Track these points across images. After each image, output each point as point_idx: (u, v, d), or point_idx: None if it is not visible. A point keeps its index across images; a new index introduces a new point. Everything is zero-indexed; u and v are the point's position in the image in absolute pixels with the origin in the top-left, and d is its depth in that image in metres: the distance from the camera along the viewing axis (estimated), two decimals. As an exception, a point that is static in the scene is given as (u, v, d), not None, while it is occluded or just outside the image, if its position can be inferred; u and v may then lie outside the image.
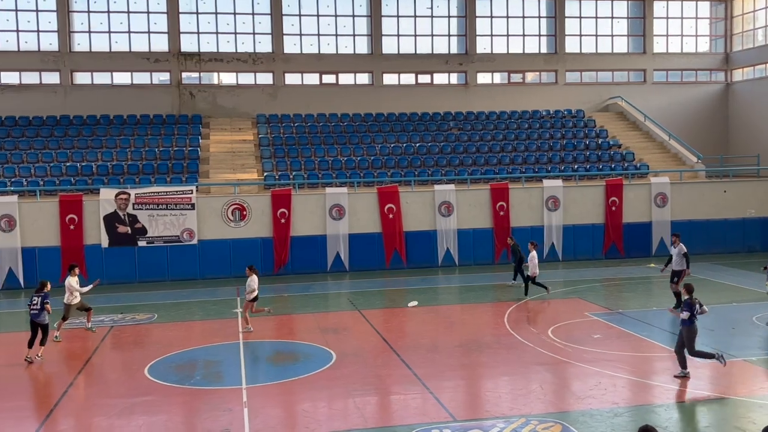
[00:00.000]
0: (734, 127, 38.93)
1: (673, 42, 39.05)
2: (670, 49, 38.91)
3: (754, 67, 37.90)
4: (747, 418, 11.29)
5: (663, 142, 34.77)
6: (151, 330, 18.62)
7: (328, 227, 26.94)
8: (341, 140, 32.41)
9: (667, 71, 38.88)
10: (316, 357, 15.39)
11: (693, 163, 32.55)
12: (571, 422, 11.19)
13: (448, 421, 11.42)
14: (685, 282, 15.94)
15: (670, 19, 38.86)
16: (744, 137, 37.92)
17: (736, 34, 39.04)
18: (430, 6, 36.45)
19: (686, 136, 35.90)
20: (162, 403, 12.78)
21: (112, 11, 33.56)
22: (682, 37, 39.18)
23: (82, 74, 33.72)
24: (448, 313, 20.12)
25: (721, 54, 39.36)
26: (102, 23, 33.71)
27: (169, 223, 25.84)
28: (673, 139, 34.52)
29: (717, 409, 11.82)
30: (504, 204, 28.00)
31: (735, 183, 30.50)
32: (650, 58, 38.47)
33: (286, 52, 35.06)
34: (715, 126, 38.93)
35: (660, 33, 38.77)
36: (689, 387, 13.06)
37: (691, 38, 39.34)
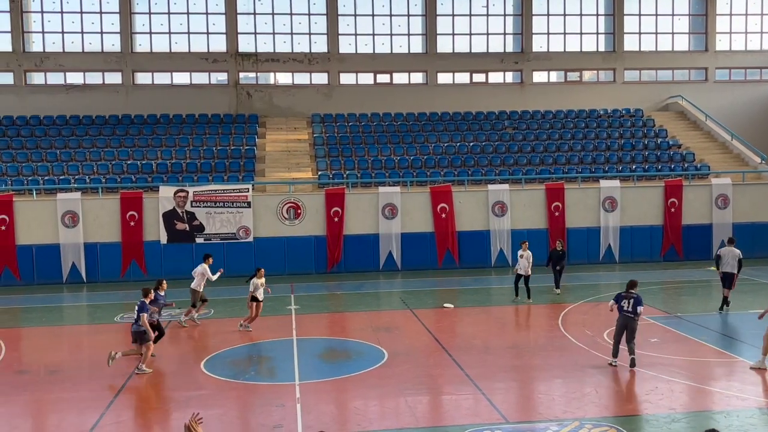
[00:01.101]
0: (801, 127, 37.59)
1: (736, 39, 37.91)
2: (733, 47, 37.79)
3: (823, 65, 36.53)
4: (812, 428, 10.90)
5: (725, 143, 33.80)
6: (208, 325, 18.97)
7: (381, 226, 27.02)
8: (395, 139, 32.46)
9: (730, 69, 37.78)
10: (368, 355, 15.45)
11: (756, 164, 31.54)
12: (626, 427, 10.97)
13: (500, 422, 11.32)
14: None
15: (733, 16, 37.75)
16: (811, 137, 36.57)
17: (804, 30, 37.69)
18: (486, 4, 36.19)
19: (749, 136, 34.81)
20: (217, 397, 13.01)
21: (172, 12, 34.34)
22: (747, 34, 38.00)
23: (143, 74, 34.60)
24: (501, 314, 19.96)
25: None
26: (162, 24, 34.52)
27: (225, 220, 26.31)
28: (736, 139, 33.51)
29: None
30: (559, 204, 27.63)
31: (801, 184, 29.47)
32: (712, 56, 37.43)
33: (341, 52, 35.30)
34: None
35: (723, 30, 37.68)
36: (750, 394, 12.68)
37: (756, 35, 38.13)
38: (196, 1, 34.49)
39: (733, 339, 15.88)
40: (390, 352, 15.57)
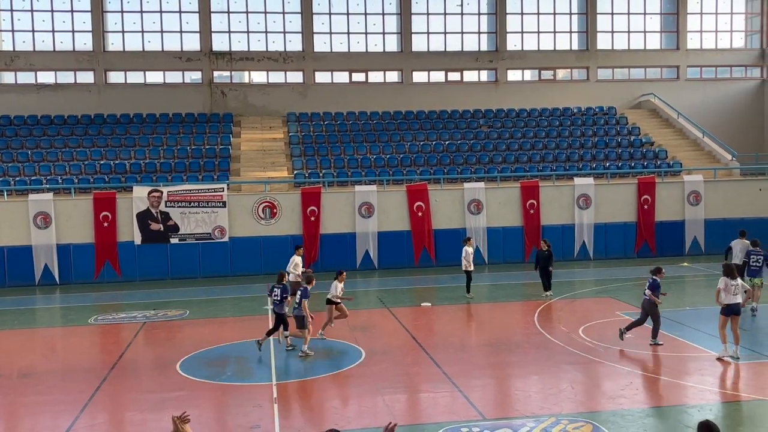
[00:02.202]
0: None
1: (707, 38, 38.43)
2: (704, 45, 38.30)
3: (791, 63, 37.16)
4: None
5: (696, 140, 34.24)
6: (183, 326, 18.83)
7: (358, 225, 27.00)
8: (371, 138, 32.44)
9: (701, 67, 38.28)
10: (345, 354, 15.44)
11: (727, 161, 32.01)
12: (601, 422, 11.08)
13: (477, 419, 11.37)
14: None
15: (704, 15, 38.25)
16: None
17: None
18: (460, 3, 36.30)
19: (720, 134, 35.30)
20: (193, 398, 12.92)
21: (144, 11, 34.01)
22: (717, 33, 38.54)
23: (115, 73, 34.22)
24: (478, 312, 20.04)
25: (756, 50, 38.64)
26: (135, 23, 34.17)
27: (200, 220, 26.12)
28: (707, 136, 33.97)
29: (751, 411, 11.61)
30: (534, 202, 27.80)
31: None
32: (684, 54, 37.90)
33: (316, 50, 35.21)
34: (751, 123, 38.23)
35: (694, 29, 38.18)
36: (722, 388, 12.86)
37: (726, 34, 38.68)
38: (169, 0, 34.19)
39: (705, 333, 16.10)
40: (367, 350, 15.56)
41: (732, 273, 14.54)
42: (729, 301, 14.44)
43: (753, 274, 18.83)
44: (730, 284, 14.49)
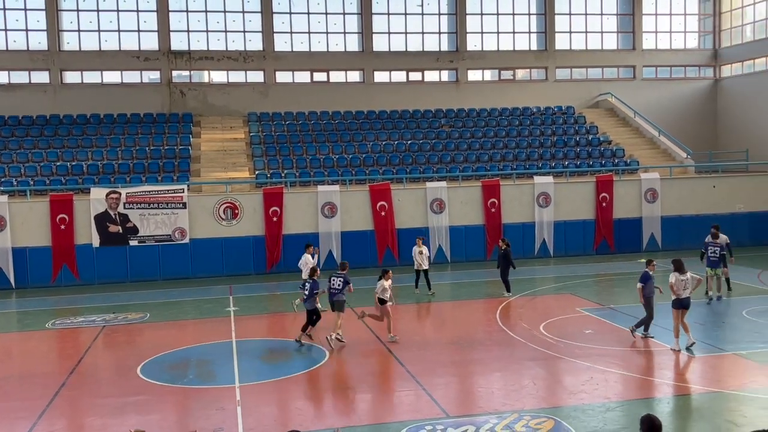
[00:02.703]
0: (723, 123, 39.12)
1: (662, 38, 39.20)
2: (659, 46, 39.06)
3: (742, 63, 38.07)
4: (738, 412, 11.37)
5: (653, 138, 34.89)
6: (144, 329, 18.56)
7: (320, 225, 26.91)
8: (333, 138, 32.38)
9: (657, 67, 39.03)
10: (309, 355, 15.39)
11: (682, 158, 32.68)
12: (563, 417, 11.23)
13: (440, 417, 11.43)
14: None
15: (659, 16, 39.01)
16: (733, 133, 38.12)
17: (724, 30, 39.21)
18: (421, 3, 36.44)
19: (676, 132, 36.04)
20: (154, 402, 12.75)
21: (101, 10, 33.41)
22: (671, 34, 39.33)
23: (71, 73, 33.58)
24: (440, 310, 20.14)
25: (709, 50, 39.52)
26: (91, 22, 33.56)
27: (160, 222, 25.77)
28: (663, 135, 34.65)
29: (708, 403, 11.88)
30: (495, 201, 28.04)
31: (724, 178, 30.63)
32: (639, 54, 38.59)
33: (277, 50, 35.01)
34: (704, 122, 39.11)
35: (649, 29, 38.91)
36: (680, 381, 13.14)
37: (680, 34, 39.50)
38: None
39: (662, 328, 16.40)
40: (331, 351, 15.53)
41: (681, 268, 14.90)
42: (679, 296, 14.80)
43: (712, 265, 19.56)
44: (680, 279, 14.83)
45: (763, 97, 36.08)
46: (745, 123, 37.21)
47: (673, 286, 14.90)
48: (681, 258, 15.50)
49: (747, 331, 16.33)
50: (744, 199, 29.82)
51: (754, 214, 29.77)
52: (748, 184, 30.33)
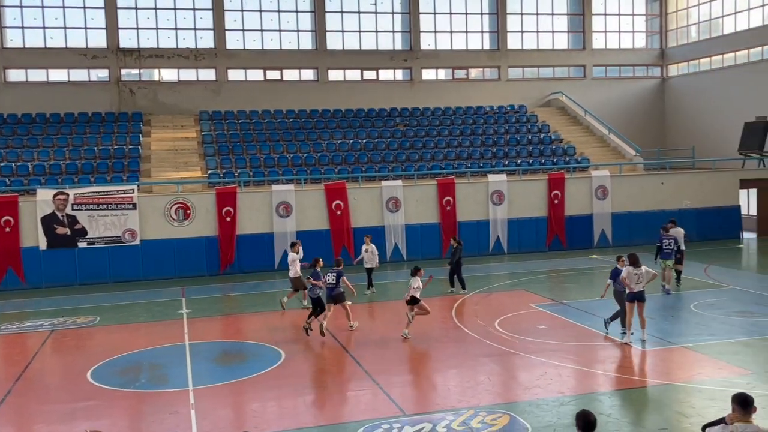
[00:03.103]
0: (670, 121, 40.09)
1: (611, 38, 39.97)
2: (608, 45, 39.81)
3: (688, 63, 39.07)
4: (686, 403, 11.64)
5: (603, 136, 35.54)
6: (94, 333, 18.16)
7: (275, 225, 26.71)
8: (287, 137, 32.18)
9: (606, 67, 39.78)
10: (264, 356, 15.24)
11: (631, 156, 33.37)
12: (518, 412, 11.35)
13: (398, 415, 11.45)
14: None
15: (608, 16, 39.76)
16: (679, 130, 39.08)
17: (671, 30, 40.17)
18: (374, 2, 36.46)
19: (625, 130, 36.79)
20: (105, 407, 12.49)
21: (46, 6, 32.61)
22: (620, 33, 40.12)
23: (15, 71, 32.74)
24: (397, 309, 20.14)
25: (657, 50, 40.45)
26: (36, 18, 32.74)
27: (110, 223, 25.24)
28: (613, 133, 35.32)
29: (658, 395, 12.14)
30: (450, 199, 28.21)
31: (671, 175, 31.36)
32: (589, 53, 39.27)
33: (229, 47, 34.65)
34: (652, 120, 40.01)
35: (599, 29, 39.63)
36: (631, 374, 13.40)
37: (629, 34, 40.32)
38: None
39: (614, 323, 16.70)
40: (287, 351, 15.43)
41: (636, 262, 15.19)
42: (633, 289, 15.10)
43: (665, 257, 20.32)
44: (633, 273, 15.13)
45: (708, 96, 37.09)
46: (691, 121, 38.19)
47: (624, 278, 15.21)
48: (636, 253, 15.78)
49: (695, 324, 16.73)
50: (691, 195, 30.59)
51: (701, 210, 30.56)
52: (694, 181, 31.10)
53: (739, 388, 12.07)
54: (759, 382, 12.42)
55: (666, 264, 20.43)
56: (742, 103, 34.21)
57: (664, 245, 20.46)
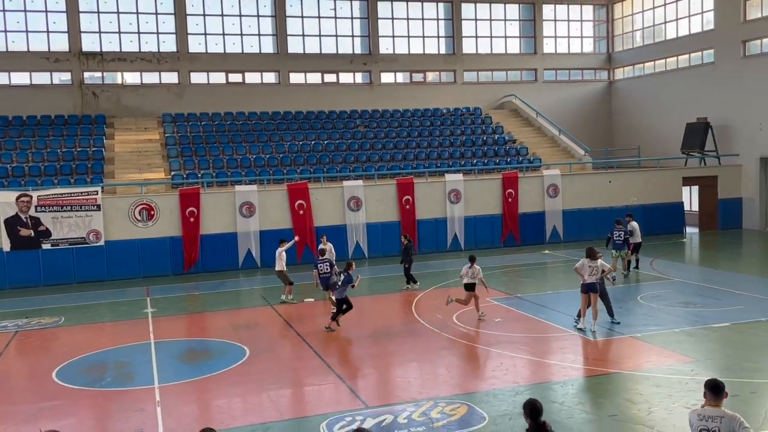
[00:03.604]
0: (617, 122, 40.79)
1: (561, 43, 40.49)
2: (558, 50, 40.31)
3: (633, 66, 39.79)
4: (634, 390, 11.85)
5: (554, 137, 36.00)
6: (58, 333, 17.76)
7: (239, 225, 26.46)
8: (249, 138, 31.90)
9: (556, 70, 40.28)
10: (229, 353, 15.08)
11: (581, 156, 33.87)
12: (476, 402, 11.43)
13: (360, 408, 11.43)
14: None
15: (558, 22, 40.26)
16: (626, 131, 39.79)
17: (617, 35, 40.86)
18: (334, 7, 36.36)
19: (574, 131, 37.31)
20: (71, 406, 12.22)
21: (7, 10, 31.77)
22: (569, 39, 40.67)
23: (-24, 74, 31.80)
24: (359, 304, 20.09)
25: (604, 54, 41.10)
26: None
27: (74, 224, 24.71)
28: (563, 134, 35.80)
29: (608, 383, 12.33)
30: (410, 198, 28.29)
31: (619, 174, 31.92)
32: (541, 58, 39.73)
33: (191, 51, 34.20)
34: (600, 121, 40.66)
35: (549, 35, 40.10)
36: (582, 364, 13.60)
37: (577, 39, 40.90)
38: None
39: (565, 315, 16.95)
40: (252, 348, 15.29)
41: (593, 255, 15.46)
42: (588, 281, 15.34)
43: (616, 247, 21.21)
44: (587, 265, 15.38)
45: (652, 98, 37.83)
46: (636, 122, 38.91)
47: (578, 269, 15.48)
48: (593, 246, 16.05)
49: (641, 315, 17.04)
50: (637, 192, 31.16)
51: (646, 206, 31.15)
52: (640, 179, 31.70)
53: (684, 375, 12.37)
54: (702, 369, 12.71)
55: (620, 254, 21.26)
56: (684, 105, 34.98)
57: (615, 236, 21.27)
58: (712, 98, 33.61)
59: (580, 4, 40.41)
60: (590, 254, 15.51)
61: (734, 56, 32.59)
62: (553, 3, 39.71)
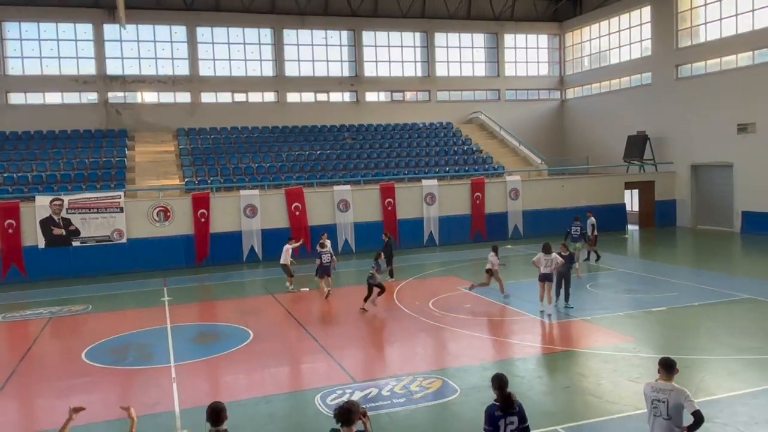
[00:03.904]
0: (568, 135, 41.01)
1: (520, 67, 40.62)
2: (518, 73, 40.45)
3: (582, 87, 40.04)
4: (585, 366, 11.93)
5: (515, 148, 36.12)
6: (87, 319, 17.56)
7: (243, 224, 26.31)
8: (252, 149, 31.73)
9: (516, 90, 40.43)
10: (235, 336, 14.99)
11: (538, 164, 34.01)
12: (449, 377, 11.44)
13: (349, 382, 11.41)
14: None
15: (517, 49, 40.41)
16: (576, 143, 40.02)
17: (568, 60, 41.08)
18: (325, 36, 36.29)
19: (532, 143, 37.46)
20: (98, 383, 12.09)
21: (42, 39, 31.40)
22: (527, 63, 40.83)
23: (16, 95, 31.43)
24: (348, 294, 20.08)
25: (557, 77, 41.31)
26: (33, 49, 31.50)
27: (100, 224, 24.46)
28: (522, 145, 35.93)
29: (562, 360, 12.40)
30: (391, 200, 28.26)
31: (570, 179, 32.07)
32: (503, 80, 39.86)
33: (202, 74, 33.97)
34: (554, 134, 40.86)
35: (510, 60, 40.24)
36: (540, 343, 13.67)
37: (534, 64, 41.07)
38: (65, 29, 31.76)
39: (525, 301, 17.01)
40: (255, 332, 15.21)
41: (548, 250, 15.57)
42: (543, 271, 15.44)
43: (574, 240, 21.59)
44: (543, 258, 15.46)
45: (598, 115, 38.10)
46: (585, 135, 39.16)
47: (535, 262, 15.61)
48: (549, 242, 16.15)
49: (590, 300, 17.14)
50: (586, 195, 31.32)
51: (594, 207, 31.20)
52: (588, 184, 31.89)
53: (628, 352, 12.47)
54: (642, 347, 12.82)
55: (576, 246, 21.35)
56: (625, 120, 35.24)
57: (572, 231, 21.76)
58: (649, 114, 33.89)
59: (537, 33, 40.58)
60: (546, 249, 15.60)
61: (668, 78, 32.89)
62: (513, 32, 39.84)
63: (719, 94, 29.86)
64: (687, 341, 13.11)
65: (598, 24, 38.07)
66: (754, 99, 28.11)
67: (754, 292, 17.02)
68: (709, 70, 30.70)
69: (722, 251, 25.34)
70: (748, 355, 11.97)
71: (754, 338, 13.04)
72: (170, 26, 33.37)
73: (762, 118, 27.93)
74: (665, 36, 32.90)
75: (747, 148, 28.64)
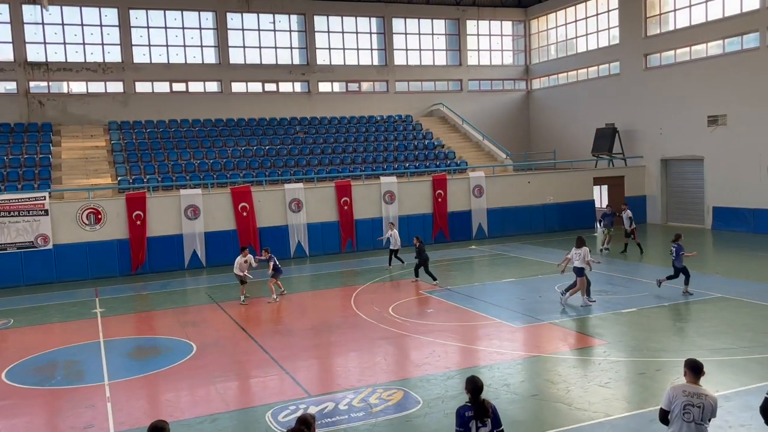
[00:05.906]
0: (534, 128, 41.74)
1: (483, 56, 41.14)
2: (481, 62, 40.95)
3: (548, 77, 40.80)
4: (554, 371, 12.16)
5: (478, 142, 36.57)
6: (7, 335, 17.00)
7: (184, 227, 25.90)
8: (193, 144, 31.26)
9: (480, 81, 40.93)
10: (176, 349, 14.75)
11: (503, 159, 34.52)
12: (411, 387, 11.50)
13: (303, 397, 11.36)
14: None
15: (480, 36, 40.90)
16: (542, 136, 40.77)
17: (533, 49, 41.80)
18: (273, 21, 35.98)
19: (496, 137, 38.00)
20: (21, 405, 11.72)
21: (-50, 20, 30.20)
22: (491, 52, 41.37)
23: None
24: (301, 300, 20.02)
25: (522, 66, 41.99)
26: (-60, 32, 30.25)
27: (22, 229, 23.71)
28: (486, 139, 36.40)
29: (530, 366, 12.60)
30: (348, 199, 28.26)
31: (536, 175, 32.65)
32: (465, 69, 40.29)
33: (136, 61, 33.26)
34: (520, 127, 41.54)
35: (473, 48, 40.70)
36: (506, 349, 13.87)
37: (498, 52, 41.64)
38: (-23, 9, 30.66)
39: (490, 304, 17.23)
40: (198, 344, 14.99)
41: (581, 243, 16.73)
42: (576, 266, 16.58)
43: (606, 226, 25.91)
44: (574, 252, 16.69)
45: (565, 106, 38.89)
46: (551, 127, 39.92)
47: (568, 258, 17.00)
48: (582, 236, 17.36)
49: (558, 303, 17.45)
50: (553, 192, 31.97)
51: (561, 204, 32.01)
52: (556, 179, 32.52)
53: (598, 356, 12.77)
54: (613, 350, 13.14)
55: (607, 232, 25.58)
56: (593, 112, 36.08)
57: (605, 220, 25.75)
58: (618, 106, 34.78)
59: (501, 20, 41.16)
60: (579, 243, 16.74)
61: (637, 68, 33.80)
62: (476, 18, 40.32)
63: (689, 85, 30.87)
64: (658, 343, 13.51)
65: (564, 10, 38.85)
66: (725, 90, 29.15)
67: (725, 290, 17.66)
68: (678, 60, 31.69)
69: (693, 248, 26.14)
70: (720, 356, 12.41)
71: (726, 338, 13.53)
72: (100, 8, 32.58)
73: (733, 109, 28.99)
74: (633, 23, 33.81)
75: (717, 141, 29.69)
